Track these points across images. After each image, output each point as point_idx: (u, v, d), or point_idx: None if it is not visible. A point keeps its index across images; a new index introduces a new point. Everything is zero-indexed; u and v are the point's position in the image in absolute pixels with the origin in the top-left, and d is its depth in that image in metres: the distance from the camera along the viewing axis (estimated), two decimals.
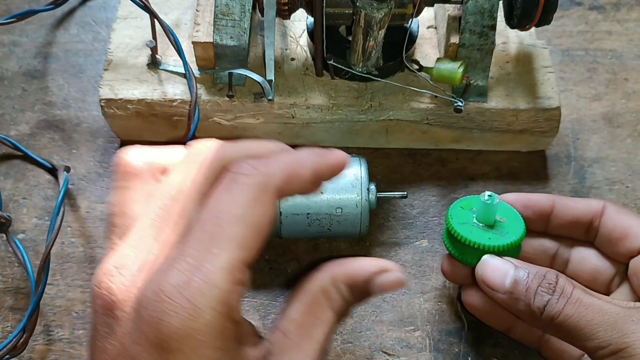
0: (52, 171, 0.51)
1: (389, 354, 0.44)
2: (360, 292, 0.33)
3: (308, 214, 0.43)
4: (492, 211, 0.40)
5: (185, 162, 0.32)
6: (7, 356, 0.42)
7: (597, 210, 0.41)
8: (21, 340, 0.42)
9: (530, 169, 0.52)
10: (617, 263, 0.41)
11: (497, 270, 0.38)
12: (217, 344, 0.27)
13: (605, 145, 0.53)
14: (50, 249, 0.42)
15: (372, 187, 0.44)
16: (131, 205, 0.32)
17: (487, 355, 0.44)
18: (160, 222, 0.30)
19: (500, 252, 0.39)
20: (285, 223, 0.43)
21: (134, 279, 0.28)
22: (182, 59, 0.48)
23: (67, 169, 0.50)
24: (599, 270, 0.41)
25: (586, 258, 0.42)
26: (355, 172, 0.43)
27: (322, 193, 0.43)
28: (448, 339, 0.45)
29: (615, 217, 0.40)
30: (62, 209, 0.43)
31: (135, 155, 0.33)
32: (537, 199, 0.42)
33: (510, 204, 0.42)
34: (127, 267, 0.29)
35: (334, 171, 0.33)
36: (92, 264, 0.47)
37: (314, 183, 0.32)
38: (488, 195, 0.40)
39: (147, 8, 0.48)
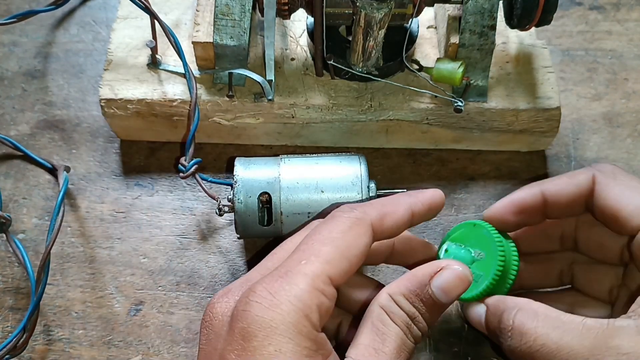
0: (52, 171, 0.51)
1: None
2: (426, 301, 0.34)
3: (309, 212, 0.42)
4: (463, 256, 0.39)
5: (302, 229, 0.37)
6: (7, 356, 0.42)
7: (588, 185, 0.38)
8: (21, 340, 0.42)
9: (530, 169, 0.52)
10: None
11: (474, 314, 0.37)
12: (290, 335, 0.30)
13: (605, 145, 0.53)
14: (50, 248, 0.42)
15: (372, 185, 0.44)
16: None
17: (487, 355, 0.44)
18: (267, 263, 0.35)
19: (477, 299, 0.38)
20: (286, 222, 0.43)
21: (235, 298, 0.33)
22: (182, 60, 0.48)
23: (67, 169, 0.50)
24: (606, 246, 0.39)
25: (591, 234, 0.40)
26: (355, 170, 0.43)
27: (322, 192, 0.43)
28: (448, 339, 0.45)
29: (604, 194, 0.37)
30: (62, 209, 0.43)
31: None
32: (522, 199, 0.39)
33: (500, 218, 0.39)
34: (231, 292, 0.33)
35: (431, 209, 0.37)
36: (92, 263, 0.47)
37: (411, 221, 0.36)
38: (444, 251, 0.39)
39: (147, 9, 0.48)
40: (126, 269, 0.47)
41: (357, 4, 0.44)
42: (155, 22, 0.48)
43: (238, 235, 0.44)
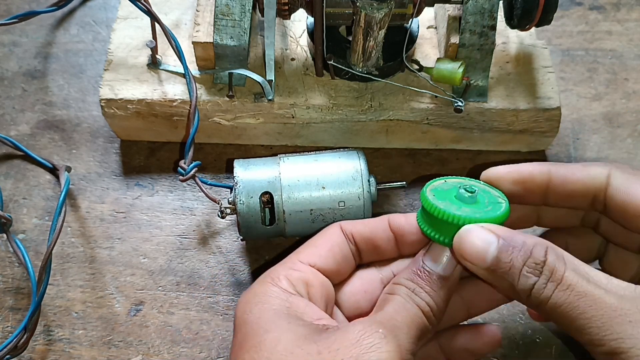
0: (53, 171, 0.51)
1: None
2: (424, 276, 0.35)
3: (311, 209, 0.43)
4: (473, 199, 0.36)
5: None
6: (7, 356, 0.42)
7: (601, 182, 0.35)
8: (22, 341, 0.42)
9: None
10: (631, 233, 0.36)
11: (478, 241, 0.32)
12: (280, 323, 0.33)
13: (605, 145, 0.53)
14: (52, 249, 0.42)
15: (372, 179, 0.44)
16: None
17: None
18: None
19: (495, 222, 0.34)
20: (289, 221, 0.43)
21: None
22: (182, 63, 0.48)
23: (69, 169, 0.50)
24: (630, 236, 0.37)
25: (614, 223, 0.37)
26: (355, 164, 0.44)
27: (323, 188, 0.43)
28: None
29: (624, 189, 0.34)
30: (63, 209, 0.43)
31: None
32: (528, 173, 0.36)
33: (498, 180, 0.37)
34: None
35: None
36: (92, 264, 0.47)
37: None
38: (469, 193, 0.35)
39: (148, 11, 0.48)
40: (126, 269, 0.47)
41: (357, 4, 0.44)
42: (156, 23, 0.48)
43: (241, 237, 0.44)
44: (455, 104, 0.47)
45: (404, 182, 0.46)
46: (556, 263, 0.31)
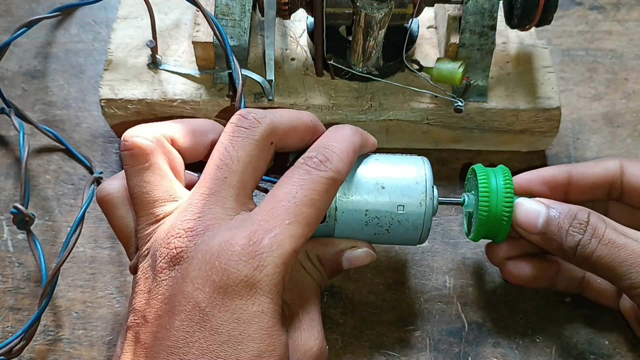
0: (89, 170, 0.51)
1: (389, 354, 0.44)
2: (332, 265, 0.38)
3: (366, 210, 0.38)
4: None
5: (236, 135, 0.34)
6: (2, 357, 0.41)
7: (615, 172, 0.41)
8: (17, 347, 0.41)
9: (531, 169, 0.52)
10: None
11: (529, 212, 0.39)
12: (271, 296, 0.31)
13: (605, 145, 0.53)
14: (61, 265, 0.41)
15: (435, 190, 0.40)
16: (160, 181, 0.34)
17: (487, 355, 0.44)
18: (222, 191, 0.33)
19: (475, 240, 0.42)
20: (341, 220, 0.39)
21: (202, 238, 0.32)
22: (237, 87, 0.43)
23: (98, 181, 0.48)
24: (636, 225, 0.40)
25: (620, 215, 0.42)
26: (419, 169, 0.40)
27: (383, 188, 0.39)
28: (448, 339, 0.45)
29: (638, 174, 0.40)
30: (81, 225, 0.43)
31: (142, 134, 0.34)
32: (550, 175, 0.42)
33: (527, 185, 0.42)
34: (194, 230, 0.32)
35: (369, 147, 0.40)
36: (93, 263, 0.47)
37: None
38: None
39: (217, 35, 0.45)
40: (126, 269, 0.47)
41: (357, 4, 0.44)
42: (156, 21, 0.48)
43: None
44: (455, 104, 0.47)
45: (462, 199, 0.42)
46: (598, 222, 0.37)
